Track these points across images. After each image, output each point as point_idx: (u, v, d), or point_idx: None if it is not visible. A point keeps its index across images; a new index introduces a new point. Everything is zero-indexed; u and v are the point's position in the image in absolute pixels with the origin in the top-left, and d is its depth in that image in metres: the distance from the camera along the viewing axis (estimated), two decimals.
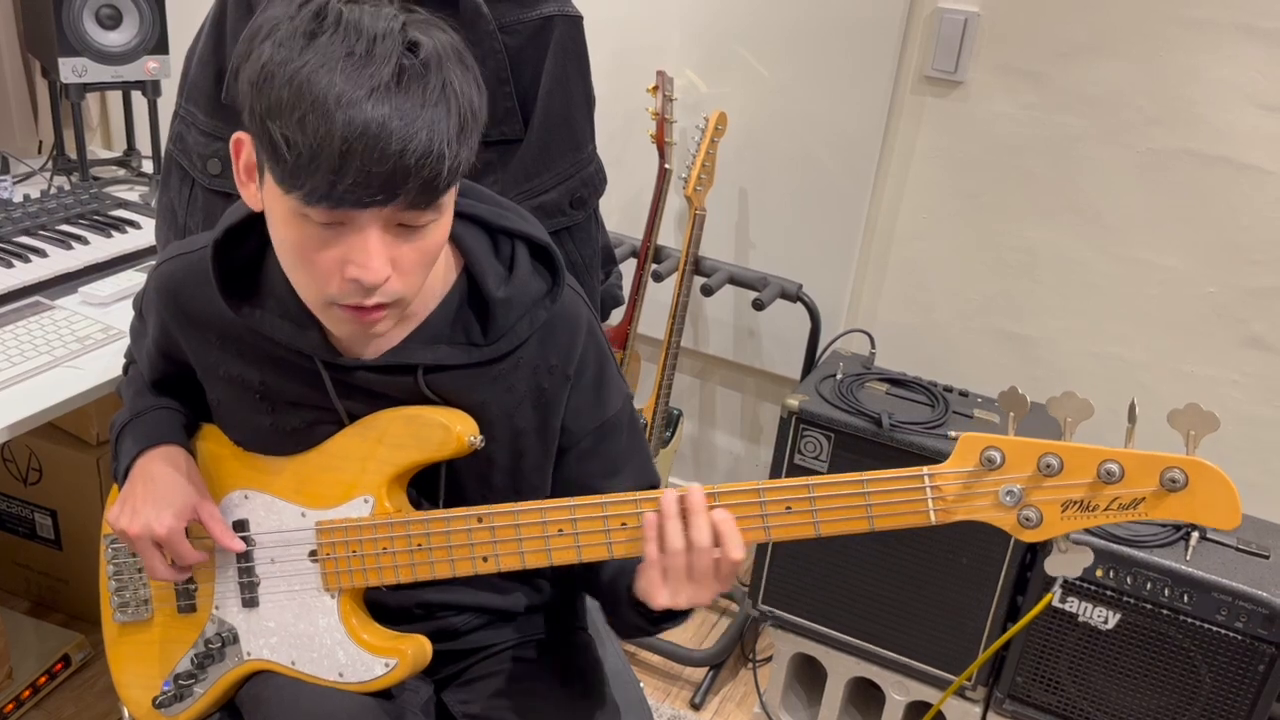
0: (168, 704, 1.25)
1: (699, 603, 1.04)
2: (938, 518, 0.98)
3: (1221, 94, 1.95)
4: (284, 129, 0.90)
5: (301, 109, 0.89)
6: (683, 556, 1.02)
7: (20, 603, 2.36)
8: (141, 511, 1.16)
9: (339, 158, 0.89)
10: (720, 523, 1.02)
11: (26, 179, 2.35)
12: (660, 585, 1.03)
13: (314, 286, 1.00)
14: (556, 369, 1.15)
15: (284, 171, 0.92)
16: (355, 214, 0.94)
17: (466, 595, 1.26)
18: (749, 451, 2.67)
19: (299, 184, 0.92)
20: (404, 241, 0.98)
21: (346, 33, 0.91)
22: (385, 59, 0.90)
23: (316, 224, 0.95)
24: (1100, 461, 0.93)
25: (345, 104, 0.89)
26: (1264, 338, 2.05)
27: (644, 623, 1.13)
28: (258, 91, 0.92)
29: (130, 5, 2.19)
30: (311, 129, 0.89)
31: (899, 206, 2.28)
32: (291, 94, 0.90)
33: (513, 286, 1.12)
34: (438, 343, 1.12)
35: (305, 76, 0.89)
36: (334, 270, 0.97)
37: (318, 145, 0.89)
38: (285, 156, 0.91)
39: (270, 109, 0.91)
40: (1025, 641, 1.92)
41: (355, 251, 0.95)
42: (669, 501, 1.03)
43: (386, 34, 0.92)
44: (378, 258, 0.95)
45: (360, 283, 0.96)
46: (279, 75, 0.91)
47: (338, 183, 0.90)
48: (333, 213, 0.93)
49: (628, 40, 2.37)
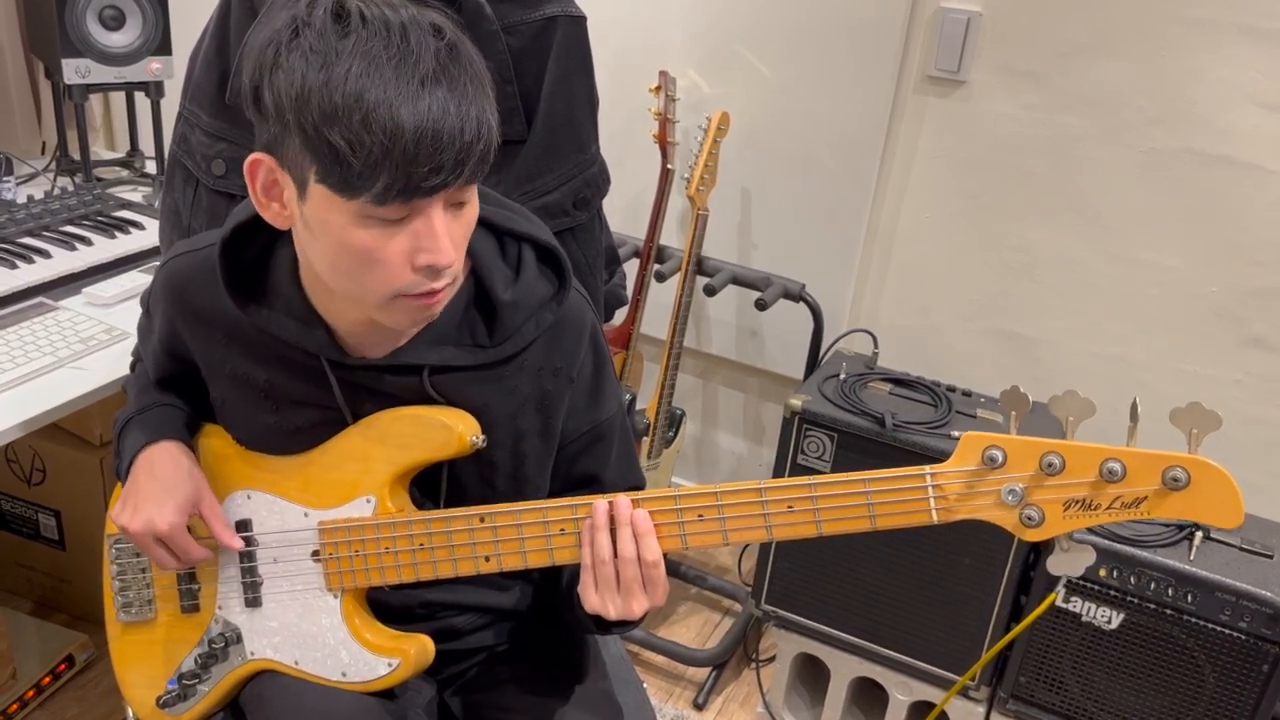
0: (172, 703, 1.26)
1: (629, 615, 1.06)
2: (940, 517, 0.99)
3: (1222, 94, 1.95)
4: (345, 134, 0.91)
5: (362, 111, 0.90)
6: (609, 565, 1.05)
7: (24, 603, 2.37)
8: (143, 508, 1.16)
9: (413, 149, 0.91)
10: (637, 524, 1.04)
11: (30, 180, 2.35)
12: (591, 591, 1.07)
13: (380, 285, 0.99)
14: (561, 372, 1.15)
15: (349, 176, 0.92)
16: (425, 201, 0.95)
17: (469, 595, 1.26)
18: (752, 452, 2.67)
19: (368, 185, 0.92)
20: (454, 220, 1.00)
21: (376, 29, 0.92)
22: (423, 47, 0.93)
23: (383, 222, 0.96)
24: (1102, 460, 0.93)
25: (406, 99, 0.90)
26: (1265, 338, 2.05)
27: (592, 627, 1.16)
28: (303, 105, 0.92)
29: (133, 6, 2.19)
30: (379, 128, 0.90)
31: (901, 206, 2.28)
32: (346, 99, 0.90)
33: (519, 289, 1.12)
34: (444, 344, 1.12)
35: (356, 79, 0.91)
36: (403, 263, 0.98)
37: (389, 142, 0.90)
38: (351, 161, 0.91)
39: (325, 118, 0.91)
40: (1029, 641, 1.92)
41: (425, 239, 0.97)
42: (599, 511, 1.06)
43: (413, 23, 0.94)
44: (448, 240, 0.98)
45: (434, 267, 0.98)
46: (327, 84, 0.91)
47: (413, 175, 0.92)
48: (408, 205, 0.95)
49: (630, 40, 2.37)
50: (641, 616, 1.10)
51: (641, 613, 1.06)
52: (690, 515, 1.05)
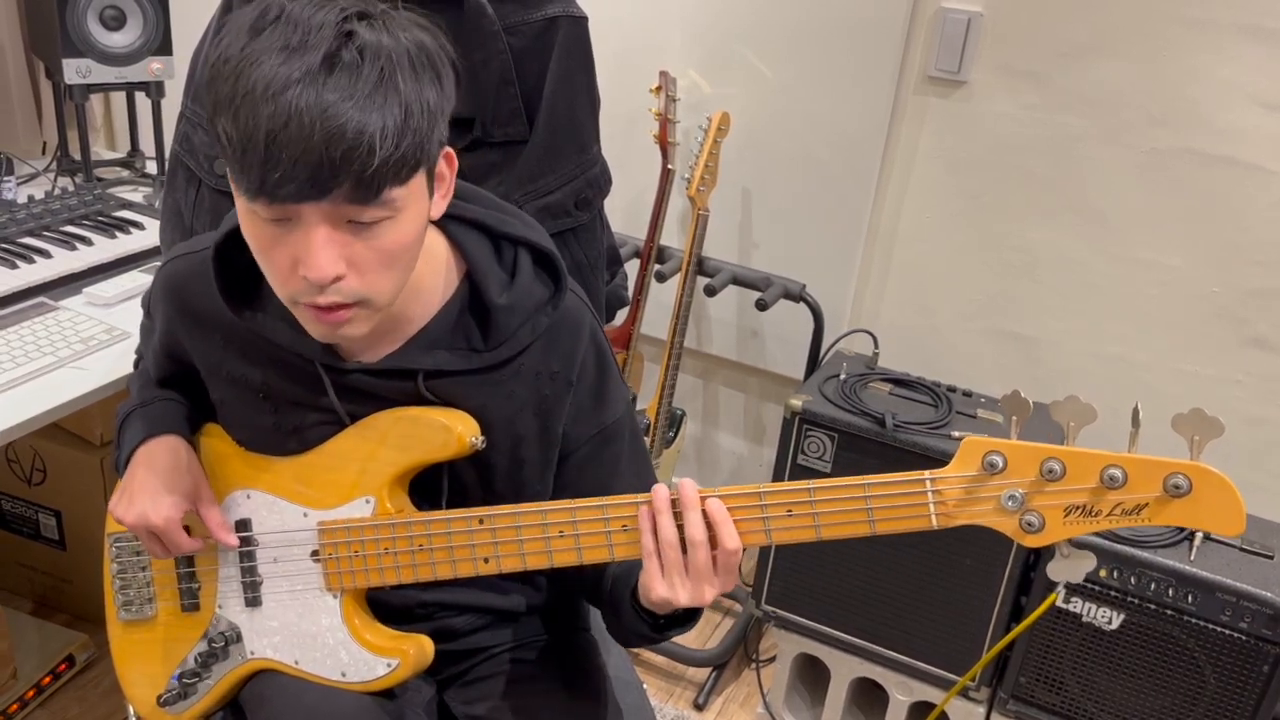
0: (172, 702, 1.26)
1: (699, 601, 1.03)
2: (939, 522, 0.98)
3: (1223, 94, 1.95)
4: (224, 124, 0.91)
5: (235, 103, 0.89)
6: (677, 549, 1.02)
7: (24, 603, 2.37)
8: (139, 500, 1.17)
9: (265, 149, 0.88)
10: (714, 513, 1.01)
11: (30, 180, 2.35)
12: (658, 578, 1.03)
13: (277, 285, 1.00)
14: (559, 375, 1.15)
15: (234, 169, 0.92)
16: (297, 209, 0.92)
17: (468, 595, 1.26)
18: (752, 452, 2.67)
19: (239, 179, 0.92)
20: (357, 239, 0.95)
21: (285, 26, 0.90)
22: (316, 48, 0.89)
23: (265, 220, 0.95)
24: (1103, 466, 0.93)
25: (271, 94, 0.87)
26: (1266, 338, 2.04)
27: (646, 628, 1.12)
28: (208, 89, 0.92)
29: (134, 6, 2.19)
30: (242, 121, 0.89)
31: (902, 206, 2.28)
32: (228, 89, 0.90)
33: (514, 293, 1.12)
34: (438, 348, 1.12)
35: (240, 70, 0.89)
36: (288, 268, 0.96)
37: (248, 137, 0.88)
38: (229, 152, 0.91)
39: (216, 105, 0.91)
40: (1029, 642, 1.92)
41: (301, 249, 0.94)
42: (661, 495, 1.03)
43: (323, 25, 0.90)
44: (322, 254, 0.93)
45: (309, 281, 0.95)
46: (223, 71, 0.91)
47: (268, 176, 0.89)
48: (273, 208, 0.92)
49: (630, 41, 2.37)
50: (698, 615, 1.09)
51: (712, 598, 1.02)
52: None
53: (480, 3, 1.30)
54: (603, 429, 1.20)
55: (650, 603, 1.05)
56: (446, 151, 1.03)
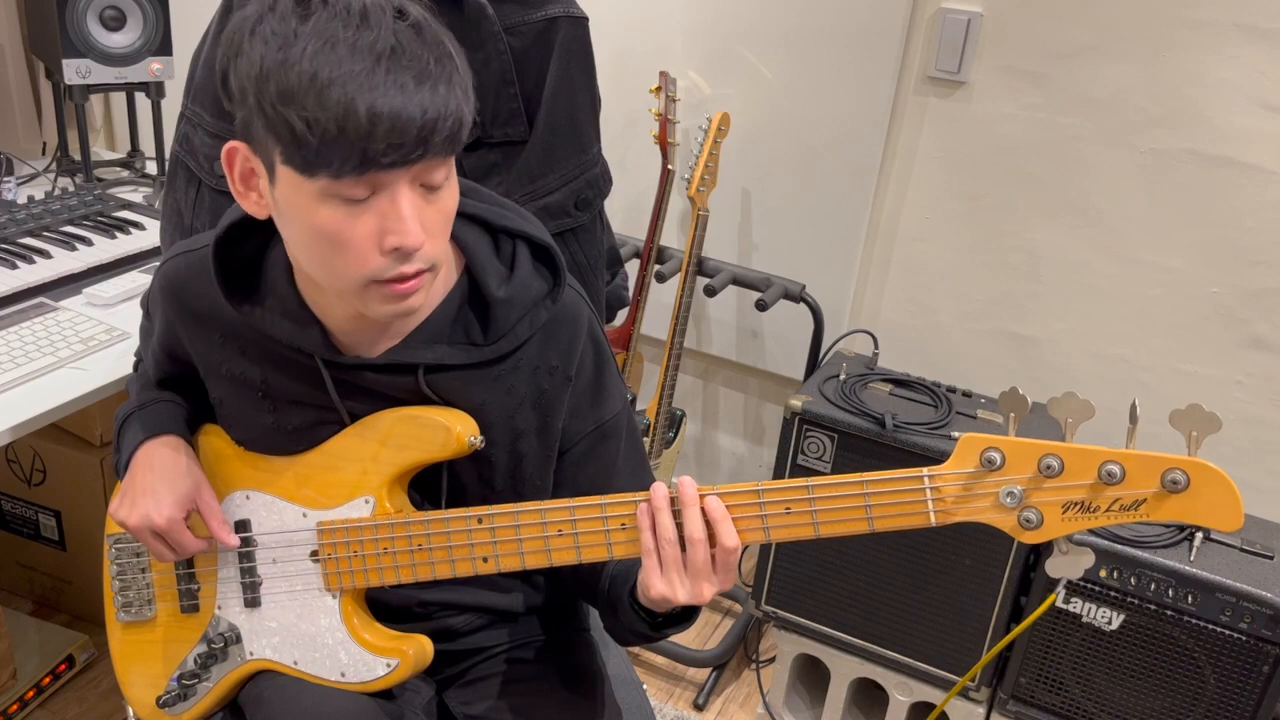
0: (172, 703, 1.26)
1: (698, 599, 1.03)
2: (938, 519, 0.98)
3: (1224, 95, 1.95)
4: (302, 111, 0.91)
5: (317, 87, 0.90)
6: (676, 547, 1.02)
7: (24, 603, 2.37)
8: (140, 502, 1.17)
9: (369, 124, 0.90)
10: (712, 510, 1.02)
11: (30, 180, 2.35)
12: (657, 576, 1.03)
13: (352, 270, 0.99)
14: (557, 370, 1.15)
15: (309, 154, 0.92)
16: (387, 177, 0.95)
17: (468, 595, 1.26)
18: (752, 452, 2.67)
19: (327, 161, 0.92)
20: (428, 204, 0.99)
21: (335, 11, 0.93)
22: (382, 26, 0.92)
23: (346, 201, 0.95)
24: (1101, 462, 0.93)
25: (360, 72, 0.90)
26: (1267, 338, 2.04)
27: (645, 627, 1.12)
28: (263, 85, 0.92)
29: (134, 6, 2.19)
30: (334, 103, 0.90)
31: (902, 207, 2.28)
32: (301, 76, 0.91)
33: (513, 286, 1.12)
34: (438, 342, 1.12)
35: (311, 56, 0.91)
36: (371, 246, 0.97)
37: (344, 118, 0.90)
38: (309, 139, 0.91)
39: (283, 96, 0.91)
40: (1029, 642, 1.92)
41: (391, 220, 0.96)
42: (659, 493, 1.03)
43: (374, 6, 0.94)
44: (414, 220, 0.97)
45: (402, 249, 0.97)
46: (284, 63, 0.91)
47: (369, 148, 0.91)
48: (365, 178, 0.94)
49: (630, 41, 2.37)
50: (696, 614, 1.10)
51: (710, 596, 1.03)
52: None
53: (480, 3, 1.30)
54: (600, 425, 1.20)
55: (649, 601, 1.05)
56: None
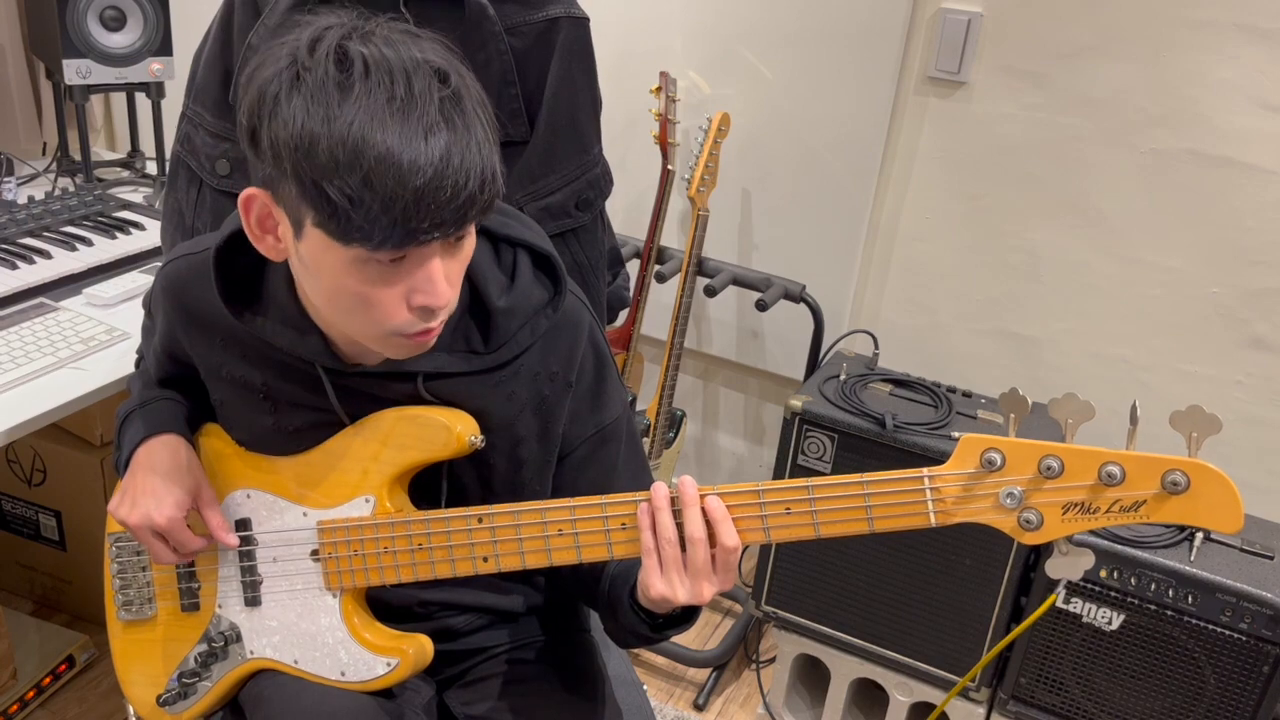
0: (172, 702, 1.26)
1: (698, 599, 1.03)
2: (938, 519, 0.98)
3: (1224, 95, 1.95)
4: (345, 189, 0.90)
5: (364, 167, 0.89)
6: (676, 546, 1.02)
7: (24, 603, 2.37)
8: (141, 501, 1.17)
9: (414, 205, 0.90)
10: (713, 510, 1.02)
11: (31, 180, 2.35)
12: (657, 576, 1.03)
13: (375, 324, 1.00)
14: (558, 376, 1.15)
15: (347, 227, 0.92)
16: (424, 249, 0.95)
17: (468, 595, 1.26)
18: (752, 453, 2.67)
19: (367, 236, 0.92)
20: (451, 258, 0.99)
21: (380, 78, 0.91)
22: (426, 97, 0.91)
23: (379, 265, 0.95)
24: (1101, 464, 0.93)
25: (408, 154, 0.89)
26: (1267, 338, 2.04)
27: (645, 628, 1.12)
28: (302, 155, 0.91)
29: (134, 7, 2.19)
30: (379, 184, 0.89)
31: (902, 207, 2.28)
32: (348, 153, 0.89)
33: (514, 295, 1.12)
34: (438, 350, 1.12)
35: (359, 133, 0.89)
36: (399, 304, 0.98)
37: (389, 198, 0.89)
38: (351, 214, 0.90)
39: (324, 171, 0.90)
40: (1029, 642, 1.92)
41: (421, 281, 0.97)
42: (659, 492, 1.03)
43: (416, 69, 0.92)
44: (443, 283, 0.97)
45: (430, 309, 0.98)
46: (328, 135, 0.90)
47: (412, 227, 0.91)
48: (400, 250, 0.94)
49: (631, 42, 2.37)
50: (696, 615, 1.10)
51: (710, 597, 1.03)
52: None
53: (482, 3, 1.30)
54: (600, 430, 1.20)
55: (649, 601, 1.06)
56: None
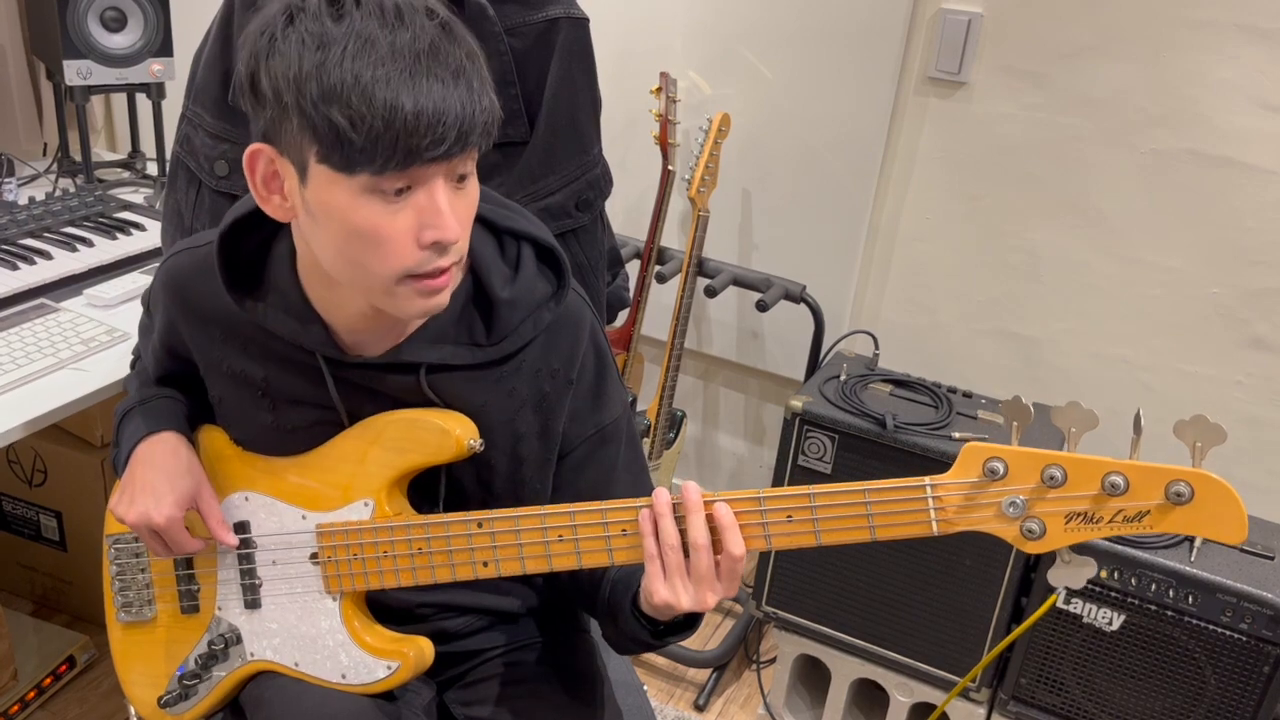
0: (173, 703, 1.26)
1: (702, 606, 1.03)
2: (940, 528, 0.98)
3: (1224, 95, 1.95)
4: (346, 109, 0.91)
5: (361, 87, 0.91)
6: (679, 552, 1.02)
7: (25, 604, 2.37)
8: (140, 499, 1.17)
9: (414, 119, 0.92)
10: (720, 517, 1.01)
11: (31, 181, 2.35)
12: (660, 582, 1.03)
13: (388, 265, 0.99)
14: (559, 373, 1.15)
15: (351, 151, 0.93)
16: (426, 171, 0.96)
17: (469, 597, 1.26)
18: (752, 453, 2.66)
19: (370, 158, 0.93)
20: (458, 196, 1.00)
21: (369, 10, 0.94)
22: (417, 23, 0.94)
23: (384, 197, 0.96)
24: (1105, 473, 0.92)
25: (404, 73, 0.92)
26: (1267, 339, 2.04)
27: (646, 635, 1.11)
28: (302, 85, 0.93)
29: (134, 7, 2.19)
30: (379, 103, 0.91)
31: (902, 207, 2.28)
32: (345, 77, 0.92)
33: (518, 288, 1.12)
34: (441, 342, 1.12)
35: (352, 55, 0.92)
36: (409, 240, 0.98)
37: (389, 114, 0.91)
38: (353, 136, 0.92)
39: (325, 95, 0.92)
40: (1029, 643, 1.92)
41: (429, 214, 0.97)
42: (661, 498, 1.03)
43: (406, 6, 0.95)
44: (451, 215, 0.98)
45: (441, 242, 0.98)
46: (324, 63, 0.92)
47: (414, 143, 0.92)
48: (407, 173, 0.95)
49: (631, 42, 2.37)
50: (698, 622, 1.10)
51: (714, 604, 1.02)
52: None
53: (481, 4, 1.30)
54: (600, 430, 1.20)
55: (652, 607, 1.05)
56: None
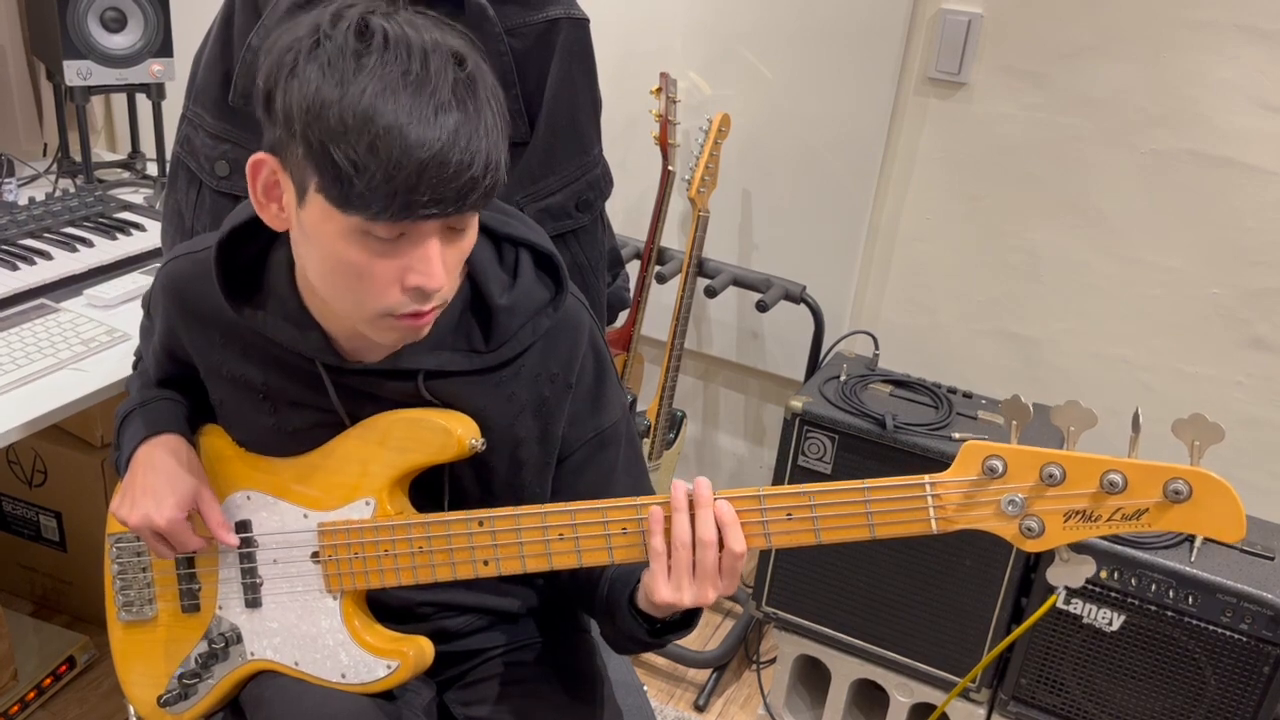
0: (173, 702, 1.26)
1: (702, 601, 1.03)
2: (939, 526, 0.98)
3: (1224, 95, 1.95)
4: (351, 154, 0.91)
5: (371, 134, 0.90)
6: (690, 550, 1.02)
7: (25, 604, 2.37)
8: (141, 502, 1.17)
9: (415, 177, 0.91)
10: (722, 514, 1.01)
11: (31, 182, 2.35)
12: (664, 581, 1.03)
13: (369, 301, 1.00)
14: (558, 377, 1.15)
15: (348, 193, 0.93)
16: (420, 226, 0.96)
17: (469, 597, 1.26)
18: (752, 453, 2.67)
19: (366, 204, 0.92)
20: (449, 244, 1.00)
21: (397, 52, 0.92)
22: (441, 76, 0.93)
23: (377, 239, 0.96)
24: (1103, 471, 0.92)
25: (415, 127, 0.91)
26: (1267, 339, 2.04)
27: (643, 633, 1.12)
28: (313, 118, 0.92)
29: (134, 8, 2.19)
30: (384, 153, 0.90)
31: (902, 208, 2.28)
32: (357, 120, 0.91)
33: (516, 294, 1.12)
34: (440, 348, 1.12)
35: (370, 102, 0.91)
36: (392, 281, 0.98)
37: (393, 168, 0.90)
38: (353, 180, 0.91)
39: (332, 135, 0.91)
40: (1029, 643, 1.92)
41: (418, 261, 0.97)
42: (678, 494, 1.03)
43: (434, 49, 0.94)
44: (440, 264, 0.98)
45: (423, 289, 0.98)
46: (340, 101, 0.91)
47: (412, 202, 0.92)
48: (398, 225, 0.95)
49: (631, 42, 2.37)
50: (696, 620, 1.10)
51: (714, 600, 1.03)
52: None
53: (481, 4, 1.30)
54: (599, 433, 1.20)
55: (651, 605, 1.05)
56: None
